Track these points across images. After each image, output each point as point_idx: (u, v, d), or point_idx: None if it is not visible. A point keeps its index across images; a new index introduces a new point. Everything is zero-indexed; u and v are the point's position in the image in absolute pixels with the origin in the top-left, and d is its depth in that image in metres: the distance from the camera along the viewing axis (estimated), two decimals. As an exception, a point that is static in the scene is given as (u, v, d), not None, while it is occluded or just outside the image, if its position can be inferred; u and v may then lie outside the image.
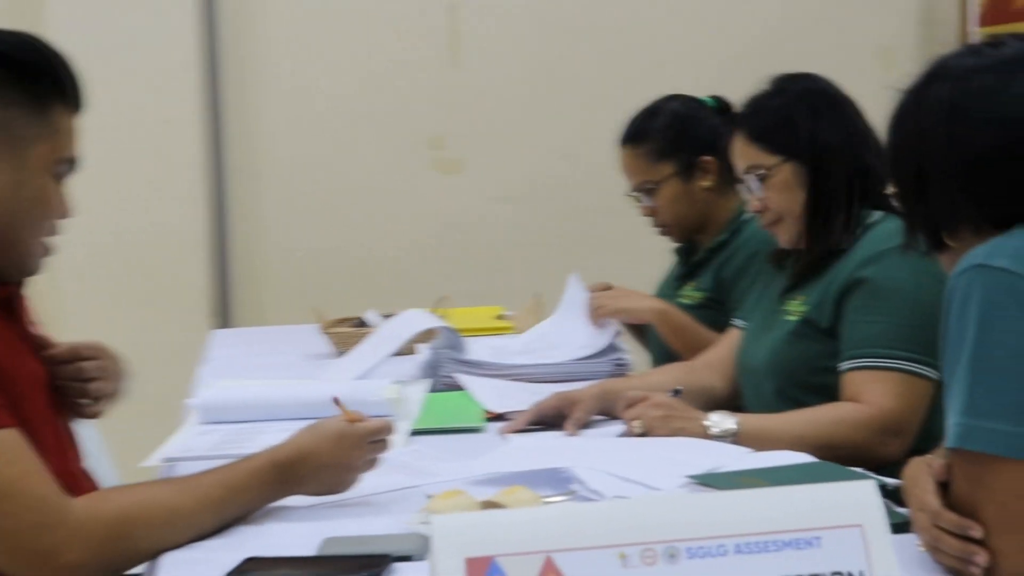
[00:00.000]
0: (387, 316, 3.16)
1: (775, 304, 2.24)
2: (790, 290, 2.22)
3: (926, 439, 1.97)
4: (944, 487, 1.36)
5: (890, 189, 1.55)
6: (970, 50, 1.47)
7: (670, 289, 2.79)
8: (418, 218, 4.51)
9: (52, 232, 1.68)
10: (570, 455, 1.83)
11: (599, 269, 3.15)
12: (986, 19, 4.68)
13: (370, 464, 1.72)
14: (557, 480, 1.72)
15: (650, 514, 1.18)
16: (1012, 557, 1.30)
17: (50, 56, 1.64)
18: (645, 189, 2.72)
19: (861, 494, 1.22)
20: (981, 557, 1.31)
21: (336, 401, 1.73)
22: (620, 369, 2.58)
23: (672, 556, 1.17)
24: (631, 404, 2.01)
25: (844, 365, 2.04)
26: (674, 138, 2.70)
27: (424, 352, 2.61)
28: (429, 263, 4.46)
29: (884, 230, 2.10)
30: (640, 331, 2.89)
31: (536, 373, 2.53)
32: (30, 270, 1.68)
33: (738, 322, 2.40)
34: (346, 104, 4.46)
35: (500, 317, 3.42)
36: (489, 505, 1.55)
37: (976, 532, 1.31)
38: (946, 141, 1.41)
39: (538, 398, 2.31)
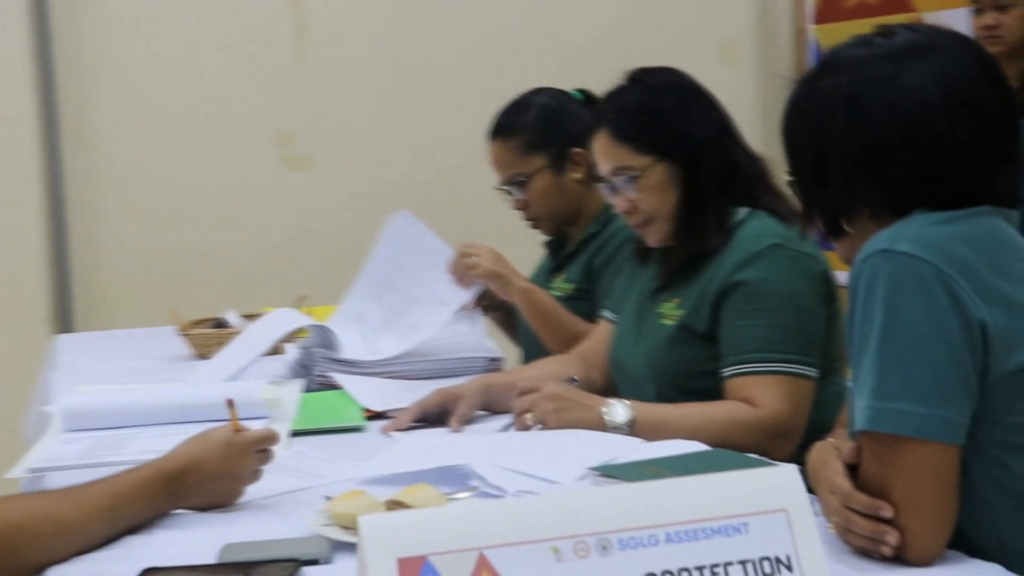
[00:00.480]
0: (247, 316, 3.09)
1: (647, 302, 2.21)
2: (661, 290, 2.18)
3: (808, 436, 2.00)
4: (852, 469, 1.39)
5: (785, 178, 1.56)
6: (862, 40, 1.49)
7: (541, 282, 2.77)
8: (269, 216, 4.41)
9: None
10: (464, 451, 1.80)
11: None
12: (820, 17, 4.82)
13: (255, 475, 1.68)
14: (455, 477, 1.69)
15: (581, 507, 1.17)
16: (920, 535, 1.33)
17: None
18: (516, 182, 2.71)
19: (785, 479, 1.23)
20: (892, 536, 1.33)
21: (230, 403, 1.67)
22: (494, 365, 2.56)
23: (604, 548, 1.16)
24: (522, 394, 1.99)
25: (728, 370, 2.02)
26: (544, 130, 2.68)
27: (293, 351, 2.55)
28: (282, 261, 4.37)
29: (754, 230, 2.07)
30: (511, 326, 2.88)
31: (411, 370, 2.49)
32: None
33: (607, 314, 2.38)
34: (190, 100, 4.33)
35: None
36: (394, 505, 1.51)
37: (887, 512, 1.33)
38: (844, 129, 1.44)
39: (416, 395, 2.27)
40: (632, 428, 1.92)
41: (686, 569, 1.16)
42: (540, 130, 2.68)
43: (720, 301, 2.04)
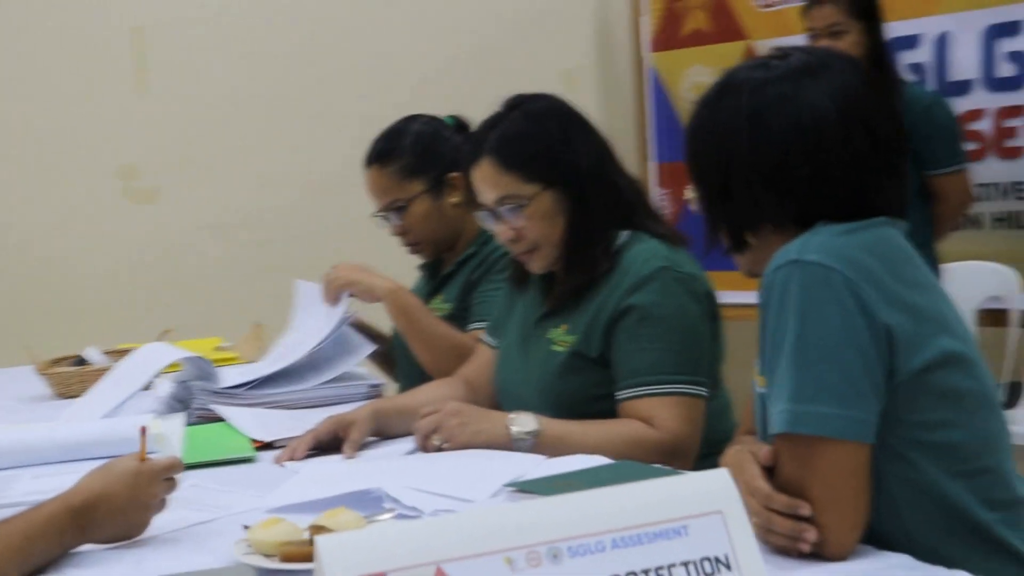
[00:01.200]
0: (110, 353, 3.02)
1: (532, 328, 2.21)
2: (547, 316, 2.19)
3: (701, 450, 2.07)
4: (768, 472, 1.44)
5: (688, 195, 1.61)
6: (759, 63, 1.56)
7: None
8: (115, 250, 4.33)
9: None
10: (370, 476, 1.80)
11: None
12: (657, 44, 4.97)
13: (162, 504, 1.65)
14: (368, 501, 1.69)
15: (532, 517, 1.19)
16: (837, 531, 1.39)
17: None
18: (395, 208, 2.72)
19: (719, 483, 1.27)
20: (811, 533, 1.39)
21: (143, 431, 1.63)
22: (374, 391, 2.57)
23: (555, 556, 1.18)
24: (425, 416, 2.00)
25: (624, 393, 2.04)
26: (422, 155, 2.70)
27: (167, 386, 2.51)
28: (131, 296, 4.29)
29: (641, 253, 2.09)
30: (386, 361, 2.89)
31: (293, 400, 2.48)
32: None
33: (486, 339, 2.40)
34: (29, 133, 4.22)
35: (220, 348, 3.32)
36: (317, 530, 1.51)
37: (805, 510, 1.39)
38: (748, 148, 1.50)
39: (301, 423, 2.27)
40: (537, 438, 1.95)
41: (633, 572, 1.19)
42: (418, 155, 2.70)
43: (612, 326, 2.07)
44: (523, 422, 1.97)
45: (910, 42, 4.18)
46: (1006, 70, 4.00)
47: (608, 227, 2.14)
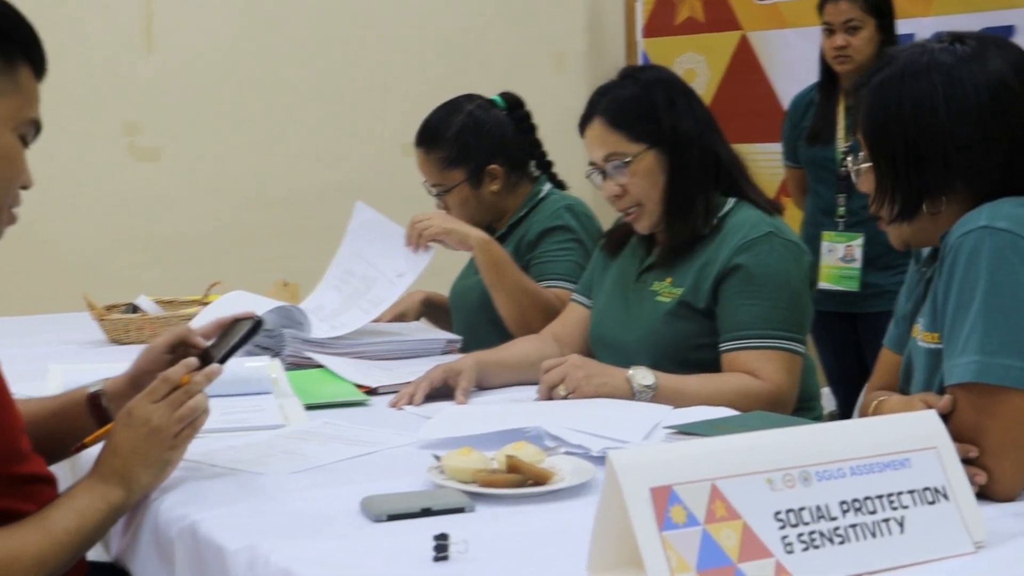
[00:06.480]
0: (161, 303, 3.06)
1: (632, 283, 2.36)
2: (648, 271, 2.33)
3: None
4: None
5: (852, 166, 1.73)
6: (940, 48, 1.68)
7: (471, 268, 2.87)
8: (119, 207, 4.34)
9: (14, 200, 1.57)
10: (514, 417, 1.88)
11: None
12: (650, 31, 5.10)
13: (180, 420, 1.61)
14: (526, 439, 1.77)
15: (786, 445, 1.31)
16: (1012, 475, 1.52)
17: (20, 18, 1.56)
18: (437, 191, 2.87)
19: (930, 422, 1.40)
20: (981, 477, 1.52)
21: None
22: (451, 345, 2.65)
23: (806, 479, 1.30)
24: (548, 370, 2.09)
25: (729, 345, 2.18)
26: (464, 146, 2.84)
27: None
28: (132, 253, 4.32)
29: (746, 218, 2.26)
30: (443, 318, 2.98)
31: (376, 351, 2.56)
32: None
33: (579, 299, 2.52)
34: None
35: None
36: (509, 459, 1.60)
37: (974, 453, 1.52)
38: (946, 121, 1.62)
39: (390, 373, 2.37)
40: (655, 391, 2.07)
41: (869, 497, 1.32)
42: (459, 147, 2.83)
43: (719, 282, 2.22)
44: (642, 376, 2.08)
45: (904, 42, 4.36)
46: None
47: (707, 191, 2.29)
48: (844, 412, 3.84)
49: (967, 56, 1.65)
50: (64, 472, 1.79)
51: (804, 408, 2.25)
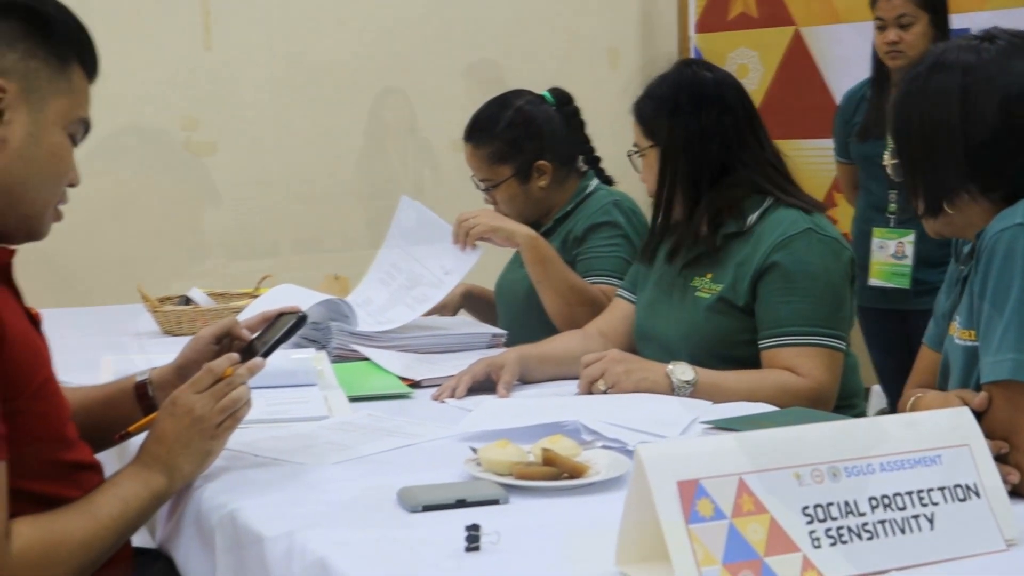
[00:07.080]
0: (213, 295, 3.11)
1: (675, 279, 2.37)
2: (689, 267, 2.34)
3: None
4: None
5: (888, 161, 1.74)
6: (970, 46, 1.68)
7: (517, 262, 2.89)
8: (176, 200, 4.42)
9: (62, 198, 1.61)
10: (552, 412, 1.90)
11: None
12: (703, 26, 5.09)
13: (222, 411, 1.64)
14: (564, 433, 1.79)
15: (815, 440, 1.32)
16: None
17: (73, 18, 1.61)
18: (486, 185, 2.89)
19: (963, 419, 1.40)
20: (1014, 476, 1.51)
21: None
22: (496, 340, 2.67)
23: (835, 475, 1.30)
24: (588, 365, 2.11)
25: (769, 342, 2.19)
26: (512, 143, 2.86)
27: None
28: (185, 246, 4.39)
29: (784, 216, 2.26)
30: (483, 311, 3.00)
31: (422, 344, 2.58)
32: (37, 232, 1.60)
33: (624, 294, 2.54)
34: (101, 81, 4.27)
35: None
36: (546, 452, 1.61)
37: (1006, 450, 1.52)
38: (959, 122, 1.62)
39: (434, 366, 2.39)
40: (694, 387, 2.07)
41: (899, 494, 1.32)
42: (508, 143, 2.86)
43: (757, 279, 2.22)
44: (682, 371, 2.10)
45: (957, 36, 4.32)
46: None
47: (694, 197, 2.32)
48: (895, 410, 3.80)
49: (992, 56, 1.64)
50: (112, 460, 1.83)
51: (846, 406, 2.25)
